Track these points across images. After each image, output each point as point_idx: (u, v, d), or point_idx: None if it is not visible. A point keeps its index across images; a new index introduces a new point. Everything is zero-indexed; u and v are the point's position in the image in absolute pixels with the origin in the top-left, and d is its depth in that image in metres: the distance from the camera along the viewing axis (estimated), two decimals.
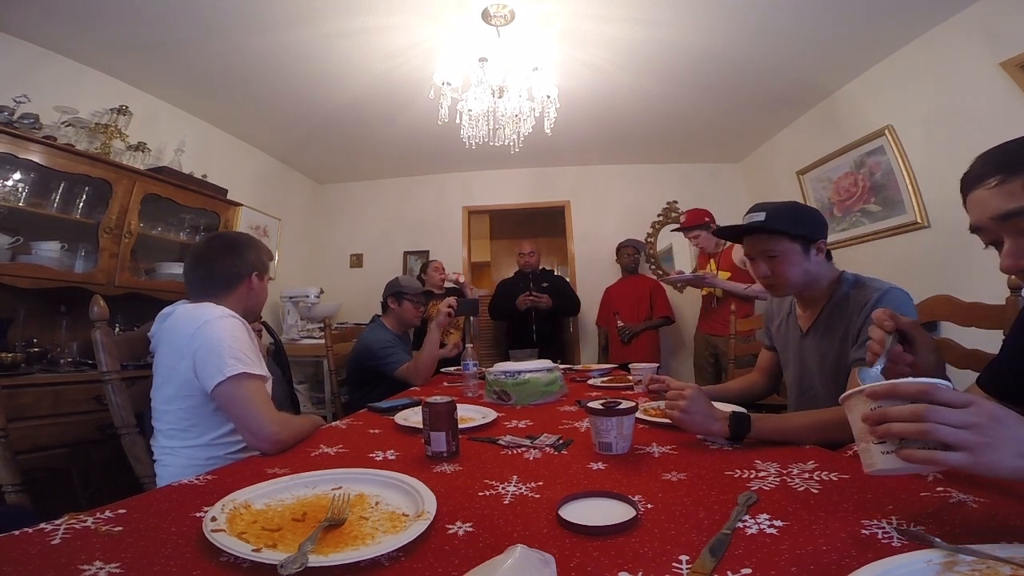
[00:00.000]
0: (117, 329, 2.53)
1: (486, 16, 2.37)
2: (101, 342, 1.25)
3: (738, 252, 3.13)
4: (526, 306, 3.67)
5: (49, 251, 2.26)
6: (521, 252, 3.91)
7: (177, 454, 1.20)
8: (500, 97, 2.49)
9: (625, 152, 4.48)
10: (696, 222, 3.47)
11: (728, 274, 3.22)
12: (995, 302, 1.37)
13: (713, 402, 1.34)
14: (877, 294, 1.22)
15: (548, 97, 2.51)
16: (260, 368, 1.17)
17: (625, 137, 4.09)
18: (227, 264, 1.36)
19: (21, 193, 2.20)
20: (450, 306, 2.43)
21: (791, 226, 1.29)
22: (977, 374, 0.98)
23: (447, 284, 3.91)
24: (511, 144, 2.71)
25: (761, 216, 1.31)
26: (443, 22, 2.46)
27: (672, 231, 4.25)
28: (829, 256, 1.37)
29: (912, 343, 0.85)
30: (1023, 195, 0.67)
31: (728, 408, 1.12)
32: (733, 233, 1.43)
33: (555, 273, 4.11)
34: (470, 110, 2.51)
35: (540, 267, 3.99)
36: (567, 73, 2.90)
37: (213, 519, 0.65)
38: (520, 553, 0.48)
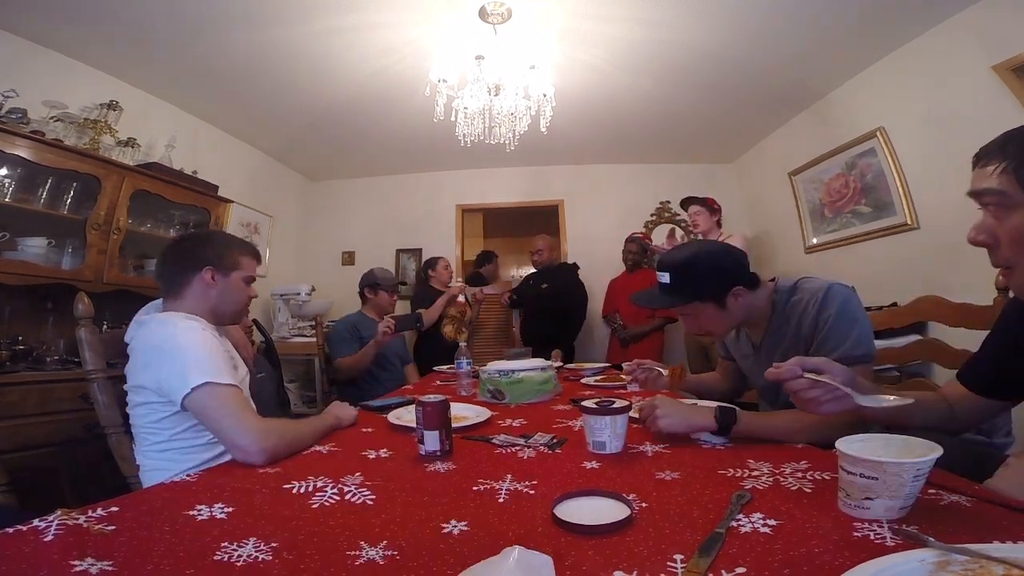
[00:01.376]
0: (105, 327, 2.49)
1: (483, 14, 2.36)
2: (86, 340, 1.24)
3: (735, 241, 3.17)
4: (508, 302, 3.78)
5: (35, 247, 2.23)
6: (531, 250, 3.98)
7: (169, 462, 1.17)
8: (496, 95, 2.48)
9: (619, 151, 4.49)
10: (702, 201, 3.53)
11: None
12: (983, 303, 1.39)
13: (699, 401, 1.34)
14: (819, 295, 1.20)
15: (544, 96, 2.51)
16: (229, 376, 1.11)
17: (619, 137, 4.10)
18: (174, 259, 1.31)
19: (8, 188, 2.16)
20: (388, 326, 2.50)
21: (696, 289, 1.27)
22: None
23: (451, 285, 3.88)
24: (507, 142, 2.71)
25: (666, 278, 1.29)
26: (439, 20, 2.45)
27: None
28: (755, 283, 1.31)
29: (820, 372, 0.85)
30: (989, 180, 0.75)
31: (713, 404, 1.13)
32: (646, 300, 1.45)
33: (568, 269, 4.04)
34: (466, 108, 2.50)
35: (558, 262, 3.98)
36: (563, 72, 2.90)
37: None
38: (518, 555, 0.48)
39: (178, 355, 1.10)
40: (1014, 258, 0.76)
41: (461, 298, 3.51)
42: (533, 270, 4.12)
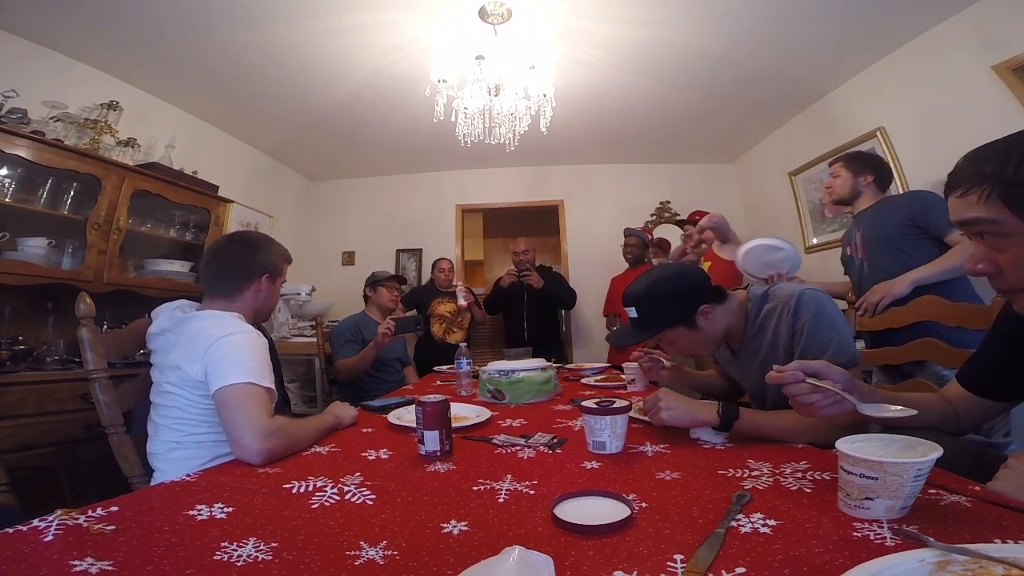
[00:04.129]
0: (105, 327, 2.50)
1: (483, 14, 2.36)
2: (87, 340, 1.23)
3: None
4: (509, 283, 3.64)
5: (36, 247, 2.23)
6: (515, 251, 3.83)
7: (185, 449, 1.18)
8: (496, 95, 2.48)
9: (619, 152, 4.49)
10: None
11: (709, 264, 3.21)
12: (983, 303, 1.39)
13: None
14: (791, 303, 1.20)
15: (544, 96, 2.51)
16: (268, 381, 1.15)
17: (619, 137, 4.10)
18: (238, 264, 1.36)
19: (8, 188, 2.16)
20: (388, 327, 2.49)
21: (663, 318, 1.28)
22: None
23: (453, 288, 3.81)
24: (507, 143, 2.71)
25: (634, 312, 1.30)
26: (440, 19, 2.45)
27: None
28: (722, 297, 1.32)
29: (821, 376, 0.87)
30: (977, 208, 0.70)
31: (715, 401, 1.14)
32: (617, 339, 1.45)
33: (552, 270, 4.04)
34: (466, 108, 2.50)
35: (537, 264, 3.88)
36: (563, 72, 2.90)
37: None
38: (518, 555, 0.48)
39: (231, 354, 1.14)
40: (1021, 282, 0.73)
41: (463, 300, 3.48)
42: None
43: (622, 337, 1.41)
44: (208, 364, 1.13)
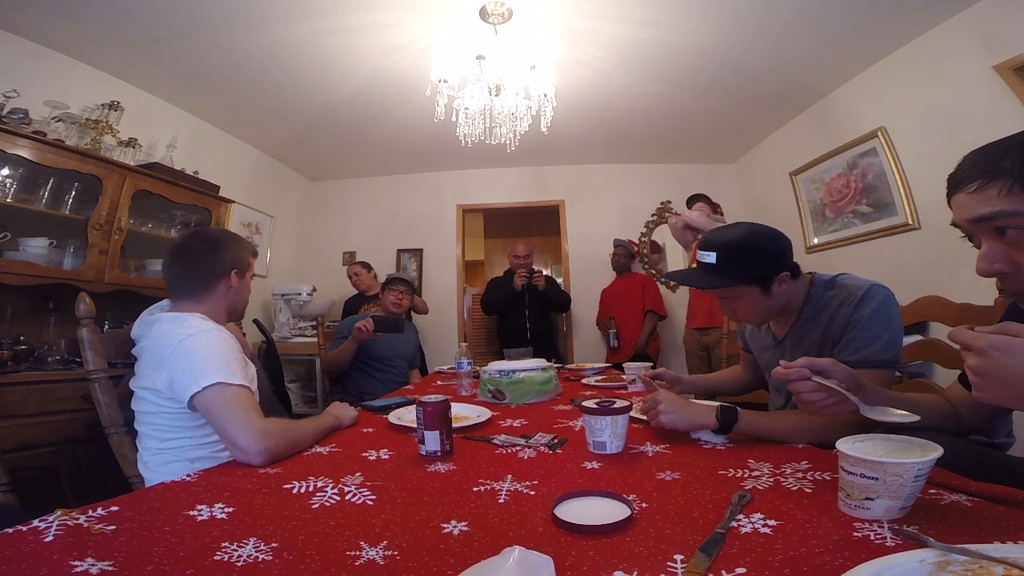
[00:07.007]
0: (106, 326, 2.50)
1: (484, 14, 2.36)
2: (87, 340, 1.23)
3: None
4: (522, 284, 3.66)
5: (37, 247, 2.23)
6: (515, 255, 3.81)
7: (163, 454, 1.18)
8: (497, 95, 2.48)
9: (620, 152, 4.49)
10: (708, 199, 3.53)
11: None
12: (984, 303, 1.39)
13: (698, 400, 1.32)
14: (859, 293, 1.15)
15: (545, 96, 2.51)
16: (241, 377, 1.12)
17: (620, 137, 4.10)
18: (204, 262, 1.32)
19: (9, 189, 2.17)
20: (365, 324, 2.50)
21: (743, 271, 1.19)
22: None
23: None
24: (507, 143, 2.71)
25: (711, 257, 1.21)
26: (440, 19, 2.45)
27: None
28: (797, 273, 1.26)
29: (827, 375, 0.86)
30: (997, 201, 0.68)
31: (715, 403, 1.13)
32: (684, 278, 1.41)
33: (546, 273, 4.12)
34: (467, 108, 2.50)
35: (534, 269, 3.92)
36: (564, 72, 2.90)
37: None
38: (518, 555, 0.48)
39: (194, 355, 1.11)
40: None
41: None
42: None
43: (691, 278, 1.33)
44: (172, 371, 1.11)
